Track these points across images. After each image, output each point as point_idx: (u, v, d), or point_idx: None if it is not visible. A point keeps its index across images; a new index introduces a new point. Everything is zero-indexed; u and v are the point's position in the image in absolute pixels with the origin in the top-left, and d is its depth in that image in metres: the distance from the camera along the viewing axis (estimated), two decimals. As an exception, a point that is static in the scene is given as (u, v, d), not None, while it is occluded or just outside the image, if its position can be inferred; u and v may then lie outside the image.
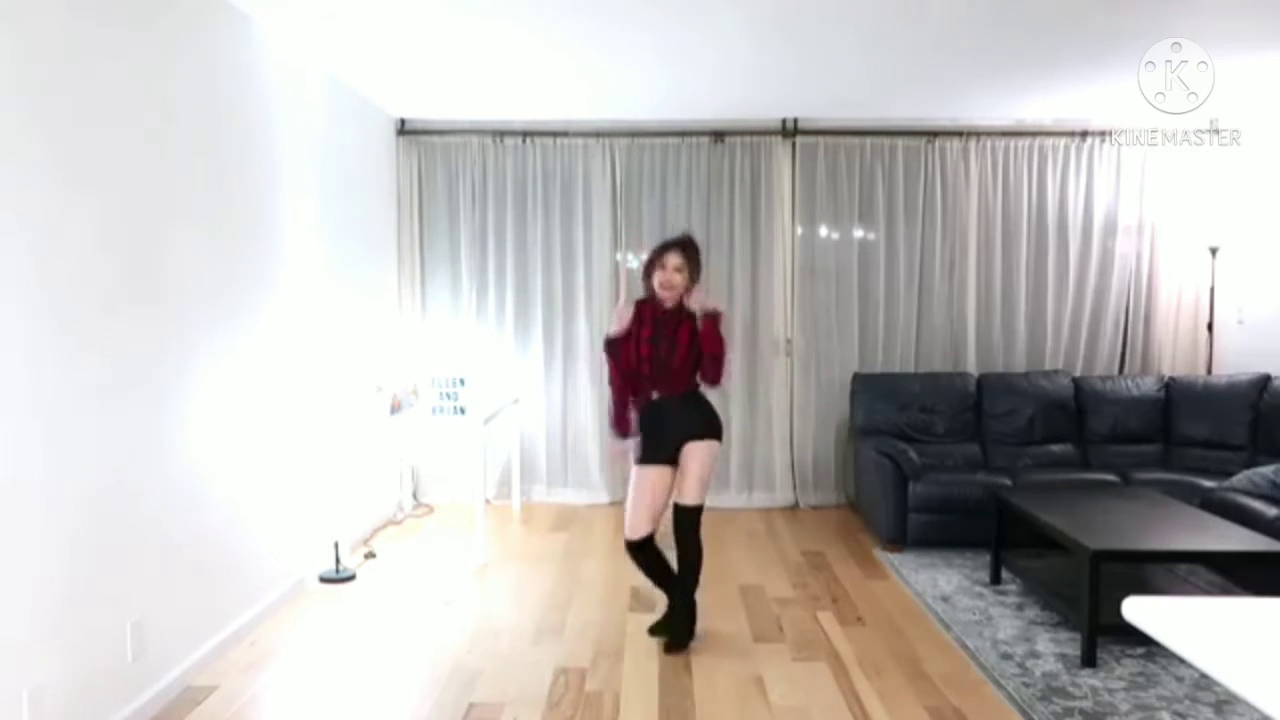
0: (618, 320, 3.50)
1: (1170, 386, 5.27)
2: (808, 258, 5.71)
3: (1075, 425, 5.27)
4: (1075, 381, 5.37)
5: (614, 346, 3.48)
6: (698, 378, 3.47)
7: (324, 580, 4.19)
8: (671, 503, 3.46)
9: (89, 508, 2.58)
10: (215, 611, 3.32)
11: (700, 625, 3.65)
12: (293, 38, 3.90)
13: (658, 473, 3.43)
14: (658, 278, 3.41)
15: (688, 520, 3.45)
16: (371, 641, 3.52)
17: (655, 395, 3.45)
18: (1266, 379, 4.92)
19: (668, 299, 3.42)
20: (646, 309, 3.46)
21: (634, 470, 3.47)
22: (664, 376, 3.42)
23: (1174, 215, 5.65)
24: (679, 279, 3.40)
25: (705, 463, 3.42)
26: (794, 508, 5.71)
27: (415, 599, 4.00)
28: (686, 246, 3.46)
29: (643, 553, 3.49)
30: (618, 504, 5.73)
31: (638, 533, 3.44)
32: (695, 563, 3.50)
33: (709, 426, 3.46)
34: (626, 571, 4.37)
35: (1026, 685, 3.08)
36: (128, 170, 2.77)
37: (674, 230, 5.55)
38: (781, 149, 5.66)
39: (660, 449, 3.43)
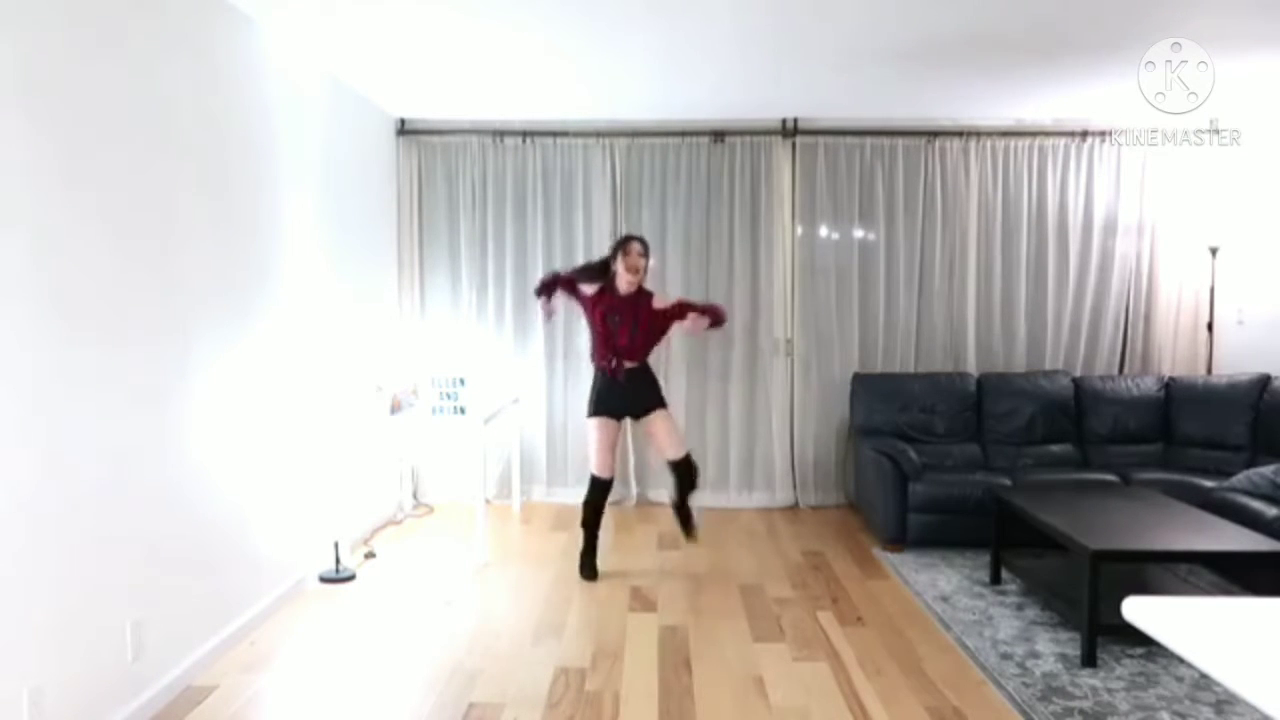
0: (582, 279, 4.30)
1: (1170, 386, 5.27)
2: (808, 258, 5.71)
3: (1075, 425, 5.27)
4: (1075, 381, 5.37)
5: (558, 284, 4.32)
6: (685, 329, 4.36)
7: (324, 580, 4.19)
8: (666, 462, 4.36)
9: (89, 508, 2.58)
10: (215, 611, 3.32)
11: (700, 625, 3.67)
12: (293, 38, 3.90)
13: (611, 423, 4.28)
14: (625, 262, 4.15)
15: (684, 468, 4.33)
16: (371, 641, 3.52)
17: (615, 365, 4.19)
18: (1266, 379, 4.92)
19: (630, 283, 4.16)
20: (605, 297, 4.21)
21: (594, 422, 4.27)
22: (624, 351, 4.19)
23: (1174, 215, 5.65)
24: (644, 263, 4.20)
25: (672, 424, 4.36)
26: (794, 508, 5.71)
27: (415, 599, 4.00)
28: (644, 240, 4.28)
29: (602, 495, 4.31)
30: (617, 504, 5.73)
31: (608, 472, 4.29)
32: (692, 481, 4.37)
33: (660, 397, 4.31)
34: (626, 571, 4.38)
35: (1026, 685, 3.08)
36: (128, 170, 2.77)
37: (674, 230, 5.64)
38: (781, 149, 5.66)
39: (614, 408, 4.26)
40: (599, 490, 4.32)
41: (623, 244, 4.24)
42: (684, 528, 4.46)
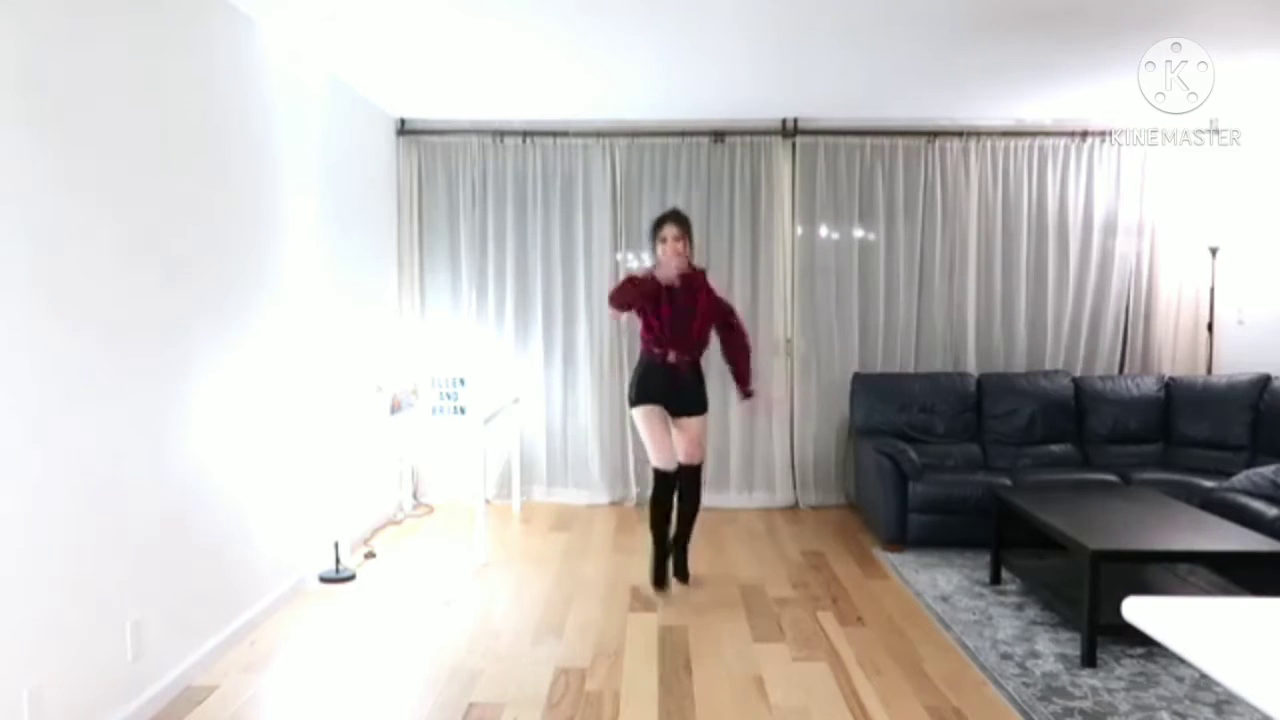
0: (642, 271, 3.96)
1: (1170, 386, 5.27)
2: (808, 258, 5.71)
3: (1075, 425, 5.27)
4: (1075, 381, 5.37)
5: (631, 285, 3.85)
6: (724, 354, 4.12)
7: (324, 580, 4.19)
8: (679, 467, 4.01)
9: (90, 508, 2.58)
10: (215, 611, 3.32)
11: (700, 625, 3.67)
12: (293, 38, 3.90)
13: (659, 410, 3.98)
14: (663, 249, 3.90)
15: (693, 477, 4.05)
16: (371, 641, 3.52)
17: (670, 356, 3.92)
18: (1266, 379, 4.91)
19: (680, 268, 3.84)
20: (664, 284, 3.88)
21: (641, 411, 3.98)
22: (681, 339, 3.91)
23: (1174, 215, 5.65)
24: (681, 246, 3.87)
25: (703, 430, 4.10)
26: (794, 508, 5.71)
27: (415, 599, 4.00)
28: (679, 218, 3.94)
29: (668, 492, 4.01)
30: (618, 504, 5.74)
31: (670, 464, 3.97)
32: (693, 517, 4.10)
33: (704, 401, 4.07)
34: (626, 571, 4.38)
35: (1026, 685, 3.08)
36: (128, 170, 2.77)
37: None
38: (781, 149, 5.66)
39: (662, 398, 3.97)
40: (662, 485, 4.00)
41: (655, 230, 3.94)
42: (680, 567, 4.14)
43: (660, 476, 4.00)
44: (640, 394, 3.98)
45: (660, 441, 3.95)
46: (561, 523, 5.33)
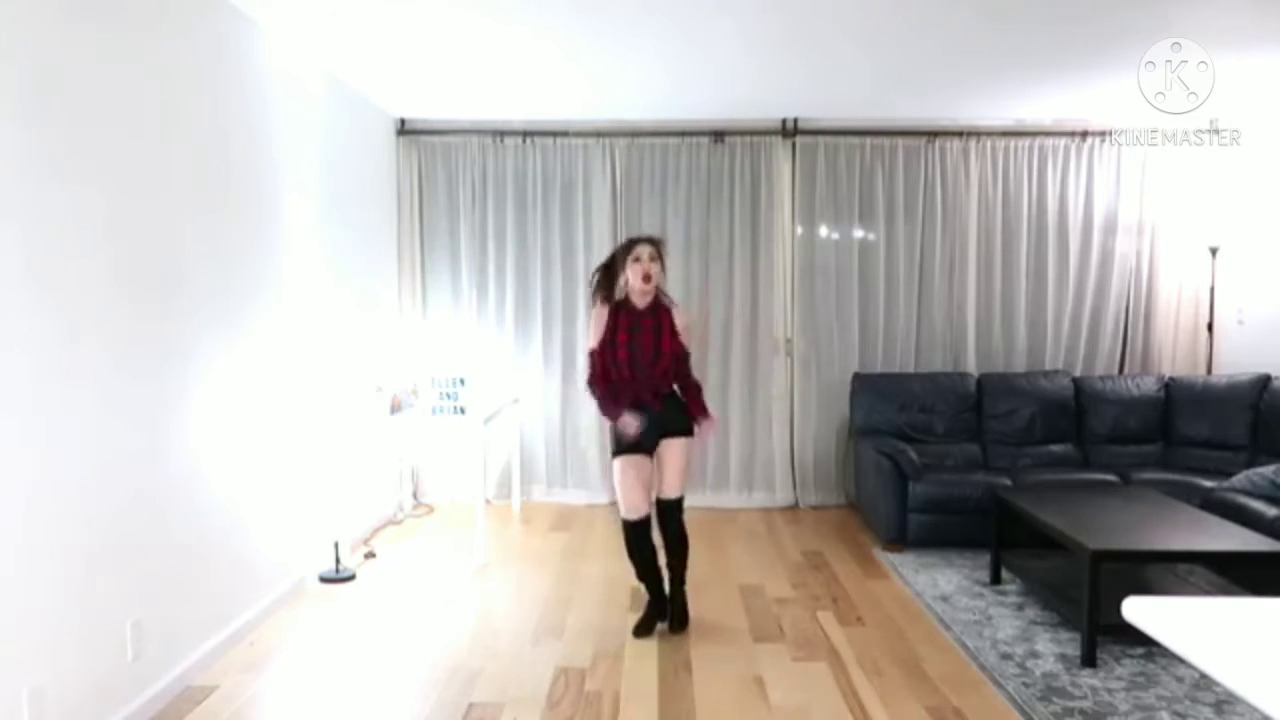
0: (595, 331, 3.53)
1: (1170, 386, 5.27)
2: (808, 258, 5.71)
3: (1075, 425, 5.27)
4: (1075, 381, 5.37)
5: (595, 356, 3.54)
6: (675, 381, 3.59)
7: (324, 580, 4.19)
8: (654, 498, 3.59)
9: (90, 508, 2.58)
10: (215, 611, 3.32)
11: (700, 625, 3.67)
12: (293, 39, 3.90)
13: (640, 459, 3.52)
14: (635, 270, 3.44)
15: (671, 513, 3.60)
16: (371, 641, 3.52)
17: (649, 396, 3.51)
18: (1266, 379, 4.92)
19: (645, 293, 3.47)
20: (622, 314, 3.51)
21: (617, 462, 3.54)
22: (647, 380, 3.50)
23: (1174, 215, 5.65)
24: (656, 268, 3.46)
25: (683, 457, 3.56)
26: (794, 508, 5.71)
27: (415, 599, 4.00)
28: (654, 239, 3.54)
29: (642, 539, 3.56)
30: (617, 504, 5.72)
31: (639, 512, 3.52)
32: (683, 552, 3.64)
33: (684, 423, 3.56)
34: (626, 572, 4.37)
35: (1026, 685, 3.08)
36: (129, 171, 2.77)
37: (674, 230, 5.62)
38: (781, 149, 5.66)
39: (639, 444, 3.50)
40: (633, 532, 3.56)
41: (628, 248, 3.49)
42: (678, 613, 3.63)
43: (630, 526, 3.55)
44: (622, 443, 3.50)
45: (632, 489, 3.50)
46: (561, 523, 5.33)
